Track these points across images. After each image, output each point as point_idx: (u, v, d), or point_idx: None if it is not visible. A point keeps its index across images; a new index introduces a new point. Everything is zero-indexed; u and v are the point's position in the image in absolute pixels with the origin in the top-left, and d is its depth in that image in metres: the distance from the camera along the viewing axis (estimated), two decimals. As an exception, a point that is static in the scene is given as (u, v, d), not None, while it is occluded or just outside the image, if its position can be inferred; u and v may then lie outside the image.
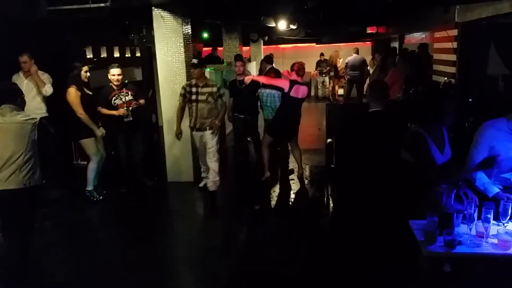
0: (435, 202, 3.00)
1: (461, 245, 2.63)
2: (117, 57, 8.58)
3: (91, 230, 5.13)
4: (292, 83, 5.95)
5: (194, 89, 5.55)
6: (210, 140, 5.55)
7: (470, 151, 3.31)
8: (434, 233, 2.68)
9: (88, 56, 7.81)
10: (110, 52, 8.46)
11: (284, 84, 5.98)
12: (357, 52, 12.23)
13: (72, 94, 5.47)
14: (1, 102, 3.62)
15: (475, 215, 2.76)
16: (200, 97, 5.49)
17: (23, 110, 3.75)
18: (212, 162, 5.51)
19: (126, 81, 6.06)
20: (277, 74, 6.93)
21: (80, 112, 5.45)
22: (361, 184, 3.57)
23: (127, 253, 4.43)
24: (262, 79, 6.45)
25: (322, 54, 14.89)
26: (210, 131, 5.53)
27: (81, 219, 5.37)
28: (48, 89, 5.96)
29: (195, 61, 5.60)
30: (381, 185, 3.38)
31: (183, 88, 5.67)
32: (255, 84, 6.49)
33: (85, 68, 5.75)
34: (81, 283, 3.90)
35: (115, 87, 5.81)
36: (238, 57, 7.35)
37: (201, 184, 6.06)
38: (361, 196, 3.57)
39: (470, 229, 2.74)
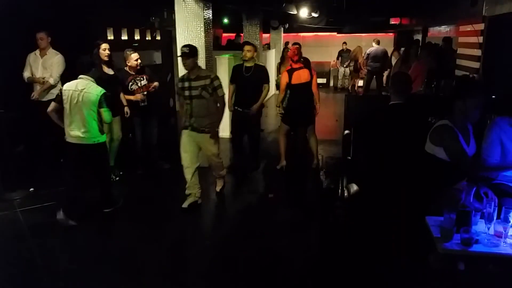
0: (454, 199, 2.94)
1: (478, 244, 2.58)
2: (137, 40, 8.60)
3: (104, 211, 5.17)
4: (291, 72, 5.95)
5: (186, 84, 4.77)
6: (210, 145, 4.93)
7: (482, 147, 3.32)
8: (451, 230, 2.64)
9: (109, 38, 7.84)
10: (130, 35, 8.48)
11: (285, 79, 6.00)
12: (378, 43, 11.96)
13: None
14: (80, 73, 4.57)
15: (495, 214, 2.71)
16: (194, 92, 4.73)
17: (98, 80, 4.66)
18: (218, 166, 5.22)
19: (141, 65, 6.02)
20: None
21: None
22: (378, 177, 3.52)
23: (139, 235, 4.48)
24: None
25: (344, 43, 14.62)
26: (209, 135, 4.84)
27: (96, 199, 5.42)
28: (51, 80, 5.94)
29: (185, 50, 4.66)
30: (399, 179, 3.33)
31: (176, 84, 5.03)
32: (262, 72, 6.03)
33: (104, 45, 5.72)
34: (97, 261, 3.98)
35: (131, 72, 5.83)
36: (247, 42, 6.76)
37: (185, 205, 4.94)
38: (378, 189, 3.53)
39: (489, 228, 2.69)
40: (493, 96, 5.58)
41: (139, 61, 5.79)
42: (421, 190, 3.20)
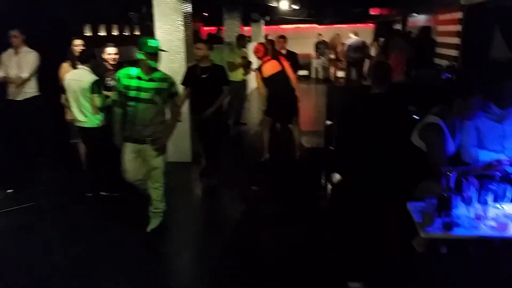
0: (434, 185, 2.97)
1: (459, 227, 2.62)
2: (116, 35, 8.50)
3: (89, 208, 5.09)
4: (260, 68, 5.99)
5: (134, 82, 3.94)
6: (152, 158, 4.08)
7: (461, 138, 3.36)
8: (432, 215, 2.67)
9: (86, 34, 7.73)
10: (109, 30, 8.38)
11: (258, 77, 6.01)
12: (356, 34, 12.07)
13: (62, 69, 5.41)
14: (80, 63, 4.96)
15: (475, 198, 2.76)
16: (143, 95, 3.91)
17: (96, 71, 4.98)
18: (155, 189, 4.21)
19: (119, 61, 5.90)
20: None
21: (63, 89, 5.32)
22: (361, 166, 3.54)
23: (122, 232, 4.42)
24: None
25: (320, 34, 14.68)
26: (154, 147, 4.03)
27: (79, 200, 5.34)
28: (23, 75, 5.70)
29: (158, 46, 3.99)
30: (380, 168, 3.36)
31: (117, 79, 4.08)
32: (220, 73, 5.30)
33: (76, 41, 5.59)
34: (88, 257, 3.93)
35: (110, 67, 5.72)
36: (200, 40, 6.27)
37: (150, 227, 4.30)
38: (360, 178, 3.56)
39: (469, 212, 2.73)
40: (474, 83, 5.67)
41: (114, 56, 5.62)
42: (402, 178, 3.23)
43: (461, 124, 3.35)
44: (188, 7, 6.26)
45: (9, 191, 5.39)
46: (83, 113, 4.95)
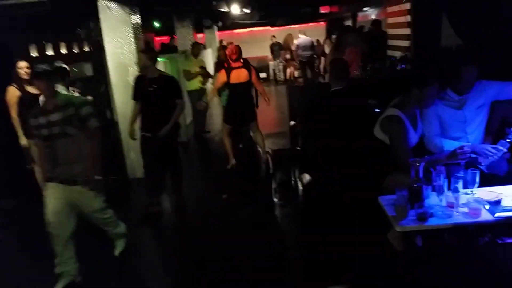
0: (402, 177, 2.96)
1: (432, 217, 2.60)
2: (64, 54, 8.18)
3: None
4: (229, 70, 5.84)
5: (42, 119, 3.32)
6: (89, 199, 3.50)
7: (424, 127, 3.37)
8: (405, 207, 2.64)
9: (33, 55, 7.39)
10: (56, 49, 8.05)
11: (222, 78, 5.85)
12: (304, 34, 12.34)
13: (8, 93, 5.09)
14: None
15: (445, 186, 2.75)
16: (54, 130, 3.31)
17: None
18: (106, 223, 3.77)
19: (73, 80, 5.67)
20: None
21: (13, 114, 5.04)
22: (328, 165, 3.50)
23: (92, 253, 4.19)
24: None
25: (274, 36, 14.80)
26: (88, 187, 3.43)
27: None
28: None
29: (39, 69, 3.35)
30: (348, 164, 3.33)
31: (29, 121, 3.46)
32: (171, 84, 4.72)
33: (21, 64, 5.19)
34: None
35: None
36: (143, 48, 5.60)
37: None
38: (329, 177, 3.51)
39: (441, 200, 2.72)
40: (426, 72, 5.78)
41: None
42: (370, 172, 3.21)
43: (422, 114, 3.37)
44: (137, 19, 6.09)
45: None
46: None
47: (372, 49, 7.98)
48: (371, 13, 11.24)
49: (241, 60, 5.93)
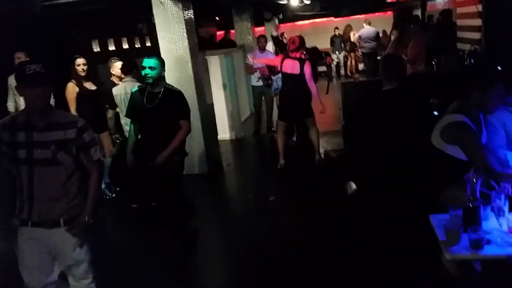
0: (459, 193, 2.62)
1: (490, 244, 2.25)
2: (126, 49, 8.40)
3: (104, 229, 4.99)
4: (283, 58, 5.69)
5: (22, 136, 2.46)
6: (70, 248, 2.58)
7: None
8: (457, 231, 2.30)
9: (95, 50, 7.65)
10: (118, 44, 8.29)
11: (276, 61, 5.78)
12: (369, 24, 11.69)
13: (67, 89, 5.24)
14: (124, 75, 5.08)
15: (506, 207, 2.38)
16: (38, 153, 2.45)
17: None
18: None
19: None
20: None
21: (71, 109, 5.16)
22: (374, 176, 3.21)
23: (137, 249, 4.28)
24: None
25: (336, 28, 14.27)
26: (69, 228, 2.54)
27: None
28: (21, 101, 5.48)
29: (31, 71, 2.34)
30: (396, 175, 3.02)
31: None
32: (176, 101, 3.81)
33: (78, 60, 5.30)
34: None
35: (118, 82, 5.57)
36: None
37: None
38: (375, 186, 3.22)
39: (501, 225, 2.36)
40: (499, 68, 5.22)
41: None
42: (425, 186, 2.88)
43: (486, 121, 2.95)
44: (190, 14, 6.06)
45: None
46: None
47: (438, 41, 7.39)
48: (440, 2, 10.47)
49: (303, 53, 5.73)
